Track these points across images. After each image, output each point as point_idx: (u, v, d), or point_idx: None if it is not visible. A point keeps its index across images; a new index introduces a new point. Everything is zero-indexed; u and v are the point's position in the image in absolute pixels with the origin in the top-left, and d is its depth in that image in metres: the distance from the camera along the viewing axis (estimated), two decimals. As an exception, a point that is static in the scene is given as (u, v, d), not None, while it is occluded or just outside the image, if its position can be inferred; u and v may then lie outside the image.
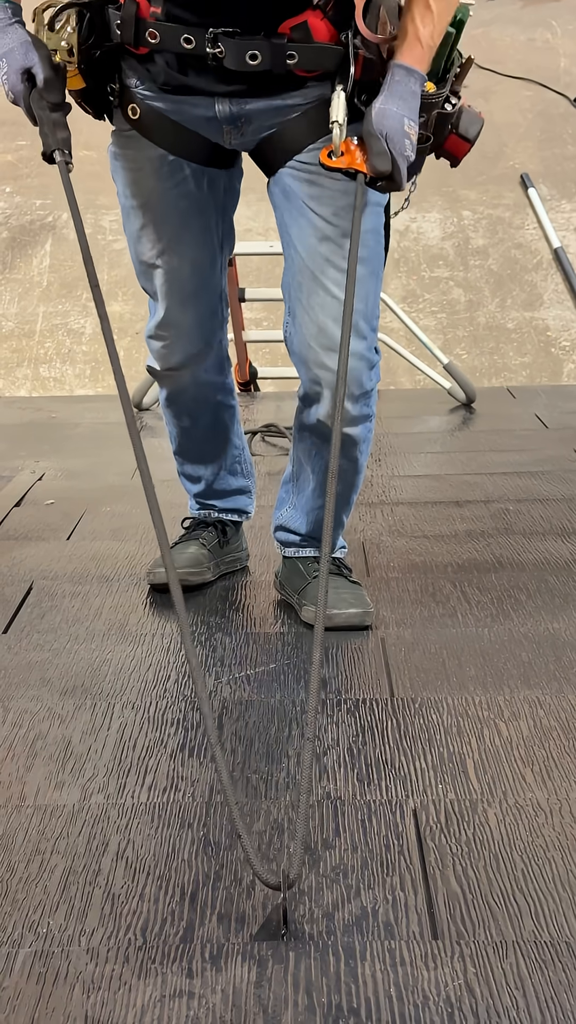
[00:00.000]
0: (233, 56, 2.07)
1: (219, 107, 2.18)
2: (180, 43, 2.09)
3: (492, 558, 2.91)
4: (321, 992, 1.38)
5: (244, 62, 2.07)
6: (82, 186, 2.42)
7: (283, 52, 2.07)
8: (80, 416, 4.91)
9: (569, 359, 6.15)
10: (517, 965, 1.42)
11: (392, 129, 2.04)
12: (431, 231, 6.84)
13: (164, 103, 2.22)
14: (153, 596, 2.70)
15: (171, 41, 2.10)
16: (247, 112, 2.18)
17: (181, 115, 2.22)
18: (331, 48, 2.09)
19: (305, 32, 2.07)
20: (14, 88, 2.11)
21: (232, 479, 2.75)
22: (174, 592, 1.83)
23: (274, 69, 2.09)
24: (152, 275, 2.41)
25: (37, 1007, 1.38)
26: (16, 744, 2.02)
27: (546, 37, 8.42)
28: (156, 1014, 1.36)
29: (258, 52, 2.07)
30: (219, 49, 2.07)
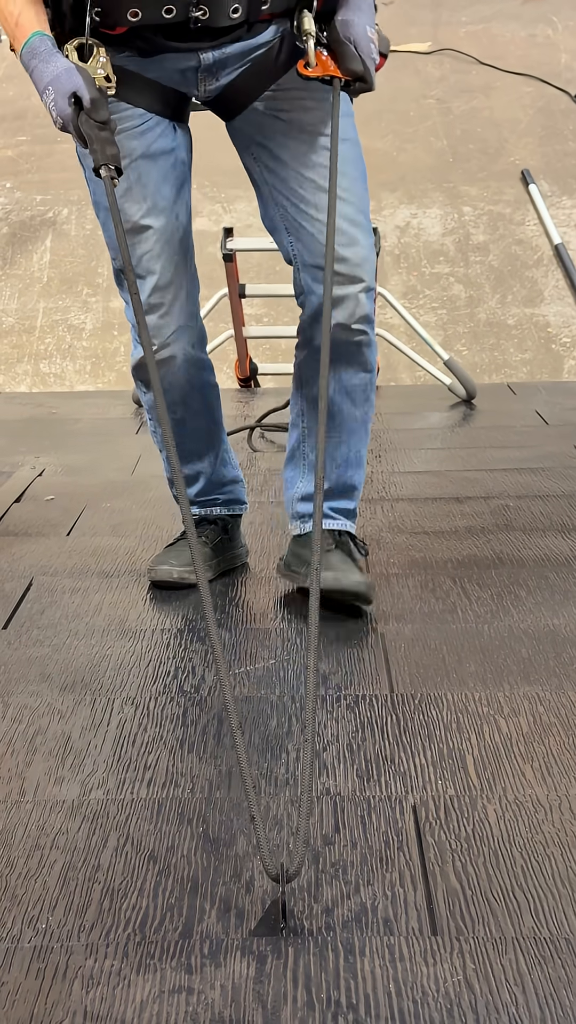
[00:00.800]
0: (216, 14, 2.22)
1: (203, 56, 2.29)
2: (162, 15, 2.21)
3: (492, 554, 2.91)
4: (320, 988, 1.38)
5: (228, 17, 2.23)
6: (82, 181, 2.43)
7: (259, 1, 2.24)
8: (80, 412, 4.91)
9: (569, 355, 6.15)
10: (516, 961, 1.42)
11: (358, 35, 2.25)
12: (432, 227, 6.84)
13: (140, 64, 2.29)
14: (153, 592, 2.70)
15: (152, 15, 2.20)
16: (226, 56, 2.30)
17: (159, 71, 2.31)
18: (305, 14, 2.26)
19: None
20: (62, 113, 2.15)
21: (225, 470, 2.74)
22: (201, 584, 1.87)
23: (251, 18, 2.25)
24: (141, 239, 2.38)
25: (36, 1002, 1.38)
26: (16, 740, 2.02)
27: (547, 33, 8.41)
28: (155, 1009, 1.36)
29: (239, 6, 2.23)
30: (202, 11, 2.20)
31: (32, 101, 7.71)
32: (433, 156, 7.27)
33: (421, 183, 7.08)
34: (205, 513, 2.76)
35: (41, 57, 2.17)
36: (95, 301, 6.42)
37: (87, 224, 6.78)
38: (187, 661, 2.35)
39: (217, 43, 2.28)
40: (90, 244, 6.70)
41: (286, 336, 5.36)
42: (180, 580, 2.67)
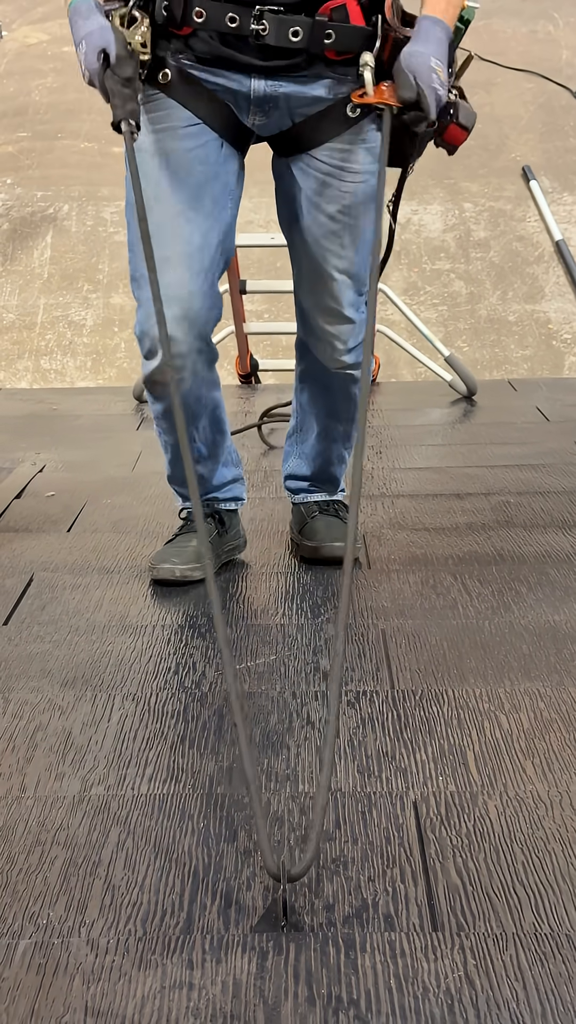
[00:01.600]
0: (275, 33, 2.24)
1: (254, 84, 2.32)
2: (225, 22, 2.26)
3: (493, 551, 2.91)
4: (321, 983, 1.38)
5: (286, 38, 2.25)
6: (84, 178, 2.44)
7: (322, 31, 2.26)
8: (81, 408, 4.91)
9: (570, 352, 6.15)
10: (517, 957, 1.42)
11: (419, 65, 2.25)
12: (432, 223, 6.83)
13: (199, 71, 2.34)
14: (154, 588, 2.70)
15: (216, 20, 2.26)
16: (278, 95, 2.33)
17: (214, 84, 2.34)
18: (363, 29, 2.29)
19: (343, 14, 2.27)
20: (90, 66, 2.23)
21: (226, 470, 2.77)
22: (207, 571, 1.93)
23: (311, 48, 2.27)
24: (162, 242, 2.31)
25: (37, 998, 1.38)
26: (16, 735, 2.02)
27: (548, 29, 8.41)
28: (156, 1005, 1.36)
29: (300, 29, 2.25)
30: (263, 26, 2.24)
31: (33, 97, 7.71)
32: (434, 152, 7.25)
33: (422, 179, 7.07)
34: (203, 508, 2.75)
35: (82, 14, 2.25)
36: (96, 297, 6.41)
37: (88, 220, 6.77)
38: (188, 657, 2.35)
39: (271, 68, 2.29)
40: (91, 240, 6.70)
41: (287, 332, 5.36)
42: (182, 578, 2.68)
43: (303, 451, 2.85)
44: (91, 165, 7.04)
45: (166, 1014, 1.35)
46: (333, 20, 2.26)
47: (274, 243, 5.09)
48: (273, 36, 2.25)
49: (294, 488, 2.91)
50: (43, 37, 8.24)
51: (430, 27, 2.28)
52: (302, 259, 2.53)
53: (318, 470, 2.85)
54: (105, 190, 6.84)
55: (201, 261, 2.38)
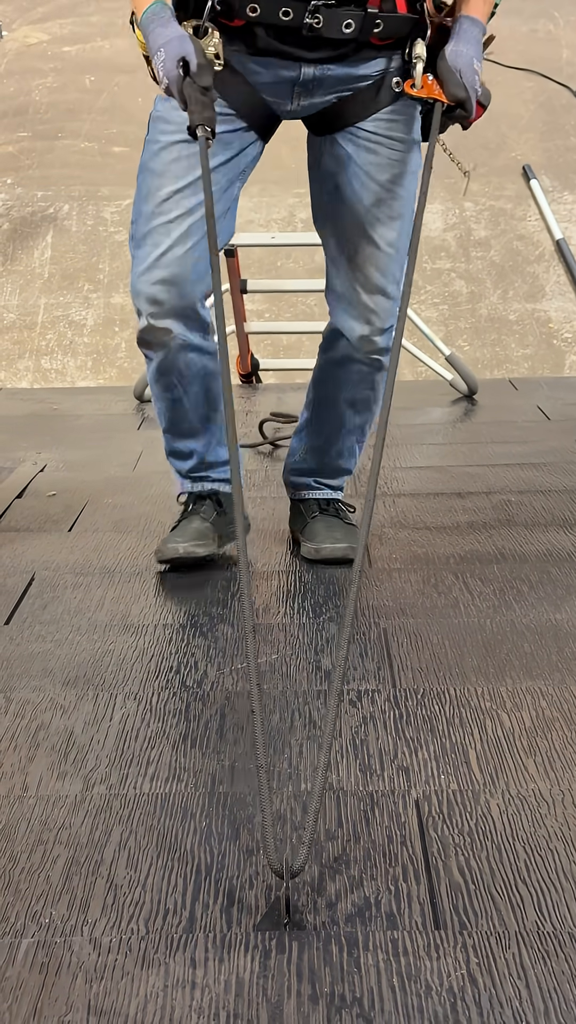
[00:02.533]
0: (330, 25, 2.34)
1: (304, 70, 2.41)
2: (279, 16, 2.33)
3: (494, 549, 2.91)
4: (324, 982, 1.38)
5: (339, 30, 2.35)
6: (84, 177, 2.45)
7: (372, 21, 2.35)
8: (82, 408, 4.91)
9: (571, 351, 6.15)
10: (519, 955, 1.42)
11: (464, 65, 2.37)
12: (433, 222, 6.83)
13: (246, 66, 2.42)
14: (156, 587, 2.70)
15: (270, 14, 2.33)
16: (327, 76, 2.42)
17: (260, 76, 2.43)
18: (408, 17, 2.40)
19: (392, 4, 2.37)
20: (169, 74, 2.26)
21: (221, 450, 2.77)
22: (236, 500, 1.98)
23: (360, 37, 2.37)
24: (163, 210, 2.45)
25: (40, 997, 1.38)
26: (18, 735, 2.02)
27: (548, 28, 8.41)
28: (159, 1004, 1.36)
29: (352, 21, 2.34)
30: (317, 19, 2.32)
31: (33, 97, 7.71)
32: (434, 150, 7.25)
33: (422, 178, 7.07)
34: (198, 489, 2.80)
35: (159, 22, 2.28)
36: (96, 297, 6.41)
37: (88, 220, 6.77)
38: (190, 656, 2.35)
39: (322, 58, 2.39)
40: (91, 240, 6.70)
41: (287, 332, 5.38)
42: (186, 555, 2.71)
43: (313, 444, 2.85)
44: (91, 165, 7.04)
45: (169, 1013, 1.35)
46: (383, 11, 2.36)
47: (274, 243, 5.11)
48: (327, 28, 2.34)
49: (297, 483, 2.91)
50: (43, 37, 8.24)
51: (470, 27, 2.40)
52: (348, 231, 2.55)
53: (329, 461, 2.86)
54: (105, 190, 6.84)
55: (197, 232, 2.45)
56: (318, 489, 2.89)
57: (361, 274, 2.59)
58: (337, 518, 2.86)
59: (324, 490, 2.89)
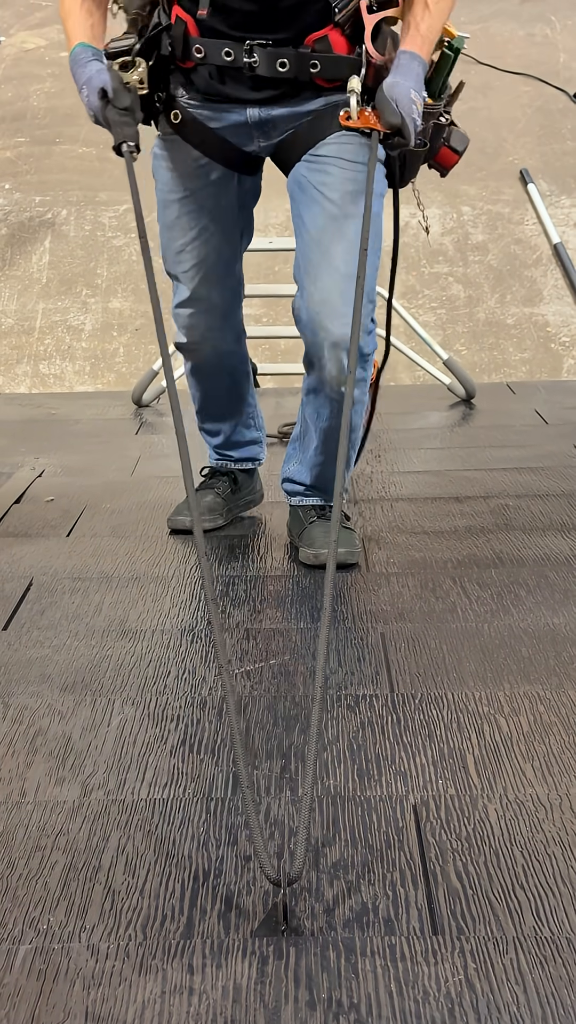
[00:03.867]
0: (265, 64, 2.48)
1: (250, 112, 2.58)
2: (221, 56, 2.50)
3: (492, 554, 2.91)
4: (321, 988, 1.38)
5: (275, 69, 2.49)
6: (82, 182, 2.49)
7: (307, 61, 2.49)
8: (80, 413, 4.91)
9: (569, 355, 6.15)
10: (517, 961, 1.42)
11: (400, 95, 2.43)
12: (431, 226, 6.84)
13: (203, 111, 2.62)
14: (153, 592, 2.70)
15: (214, 55, 2.51)
16: (273, 117, 2.58)
17: (218, 122, 2.61)
18: (347, 59, 2.50)
19: (326, 45, 2.49)
20: (92, 105, 2.49)
21: (246, 431, 3.11)
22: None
23: (299, 76, 2.50)
24: (181, 260, 2.76)
25: (38, 1003, 1.38)
26: (16, 740, 2.02)
27: (545, 32, 8.41)
28: (157, 1010, 1.36)
29: (287, 60, 2.48)
30: (254, 59, 2.47)
31: (31, 102, 7.71)
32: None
33: (419, 183, 7.08)
34: (220, 466, 3.14)
35: (80, 63, 2.51)
36: (94, 302, 6.41)
37: (86, 225, 6.78)
38: (187, 661, 2.35)
39: (265, 99, 2.55)
40: (89, 245, 6.70)
41: (285, 336, 5.37)
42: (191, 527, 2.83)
43: (304, 458, 2.90)
44: (89, 170, 7.04)
45: (167, 1019, 1.35)
46: (317, 51, 2.48)
47: (272, 247, 5.10)
48: (264, 67, 2.49)
49: (291, 491, 2.98)
50: (41, 42, 8.25)
51: (409, 61, 2.46)
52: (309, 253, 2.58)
53: (317, 479, 2.90)
54: (103, 195, 6.84)
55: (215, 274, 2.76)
56: (312, 497, 2.94)
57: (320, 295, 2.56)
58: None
59: (318, 498, 2.93)
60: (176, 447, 3.20)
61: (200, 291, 2.78)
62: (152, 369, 4.98)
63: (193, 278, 2.76)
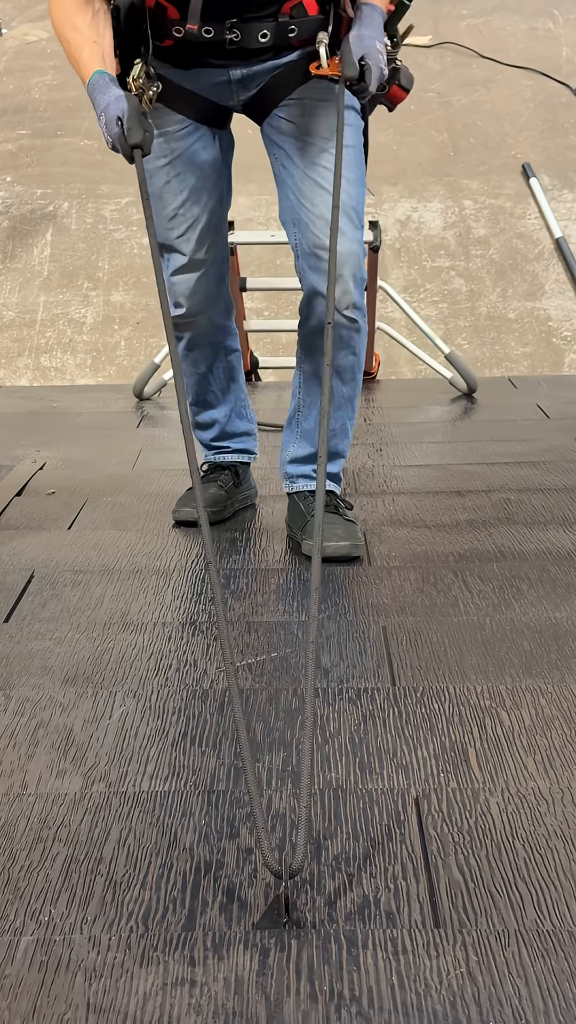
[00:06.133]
0: (247, 38, 2.60)
1: (232, 72, 2.68)
2: (201, 34, 2.59)
3: (494, 548, 2.90)
4: (323, 980, 1.38)
5: (256, 40, 2.61)
6: (84, 175, 2.48)
7: (286, 28, 2.62)
8: (81, 405, 4.91)
9: (570, 349, 6.15)
10: (519, 954, 1.42)
11: (368, 47, 2.56)
12: (432, 221, 6.83)
13: (181, 76, 2.68)
14: (155, 585, 2.70)
15: (193, 34, 2.59)
16: (254, 72, 2.68)
17: (194, 82, 2.69)
18: (318, 18, 2.64)
19: (301, 10, 2.61)
20: (111, 132, 2.52)
21: (240, 422, 3.14)
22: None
23: (278, 43, 2.63)
24: (174, 225, 2.80)
25: (39, 995, 1.38)
26: (18, 732, 2.02)
27: (548, 26, 8.40)
28: (158, 1002, 1.36)
29: (267, 31, 2.61)
30: (235, 34, 2.59)
31: (32, 95, 7.70)
32: (434, 150, 7.26)
33: (422, 177, 7.08)
34: (219, 460, 3.15)
35: (99, 89, 2.54)
36: (96, 295, 6.41)
37: (87, 218, 6.77)
38: (189, 654, 2.35)
39: (247, 62, 2.65)
40: (90, 238, 6.69)
41: (287, 330, 5.37)
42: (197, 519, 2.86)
43: (304, 430, 2.92)
44: (91, 163, 7.03)
45: (168, 1011, 1.35)
46: (294, 17, 2.61)
47: (274, 240, 5.10)
48: (245, 41, 2.60)
49: (294, 473, 2.97)
50: (43, 35, 8.24)
51: (371, 12, 2.61)
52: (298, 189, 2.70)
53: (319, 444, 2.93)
54: (105, 187, 6.84)
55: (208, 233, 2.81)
56: (314, 480, 2.92)
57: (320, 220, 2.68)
58: (337, 514, 2.86)
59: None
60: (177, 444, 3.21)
61: (197, 254, 2.82)
62: (153, 362, 4.98)
63: (189, 240, 2.81)
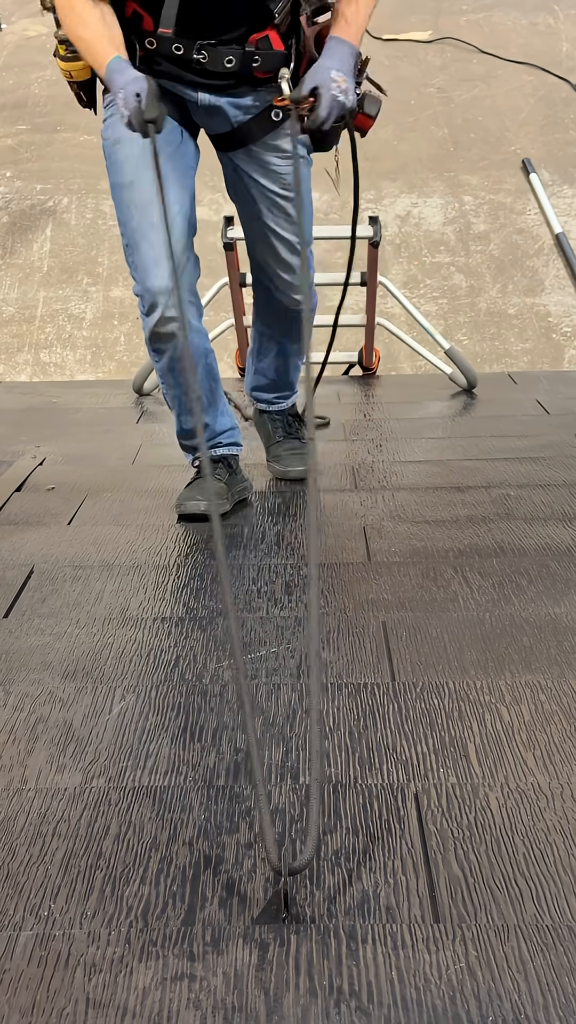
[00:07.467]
0: (213, 60, 2.77)
1: (200, 95, 2.84)
2: (172, 50, 2.76)
3: (493, 543, 2.90)
4: (323, 975, 1.38)
5: (222, 65, 2.78)
6: (83, 170, 2.48)
7: (250, 57, 2.78)
8: (81, 401, 4.91)
9: (570, 345, 6.14)
10: (519, 948, 1.42)
11: (321, 77, 2.70)
12: (432, 216, 6.83)
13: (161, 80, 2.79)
14: (154, 581, 2.70)
15: (165, 48, 2.77)
16: (219, 104, 2.86)
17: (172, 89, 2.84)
18: (281, 53, 2.81)
19: (267, 43, 2.78)
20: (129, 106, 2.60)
21: (224, 419, 3.20)
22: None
23: (242, 71, 2.80)
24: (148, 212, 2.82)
25: (39, 990, 1.38)
26: (17, 727, 2.02)
27: (548, 22, 8.40)
28: (157, 997, 1.36)
29: (233, 57, 2.77)
30: (203, 55, 2.76)
31: (32, 90, 7.70)
32: (434, 145, 7.26)
33: (422, 172, 7.07)
34: (212, 455, 3.19)
35: (119, 70, 2.65)
36: (95, 291, 6.41)
37: (87, 213, 6.77)
38: (188, 650, 2.35)
39: (213, 86, 2.81)
40: (90, 233, 6.69)
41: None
42: (206, 512, 2.96)
43: (262, 367, 3.39)
44: (90, 158, 7.02)
45: (167, 1006, 1.35)
46: (259, 49, 2.77)
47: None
48: (211, 63, 2.77)
49: (260, 399, 3.47)
50: (42, 30, 8.22)
51: (336, 46, 2.75)
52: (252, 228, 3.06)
53: (277, 378, 3.41)
54: (105, 183, 6.82)
55: (180, 223, 2.86)
56: (277, 402, 3.45)
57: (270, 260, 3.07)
58: (298, 440, 3.46)
59: (281, 402, 3.45)
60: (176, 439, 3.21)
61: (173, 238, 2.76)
62: (153, 358, 4.97)
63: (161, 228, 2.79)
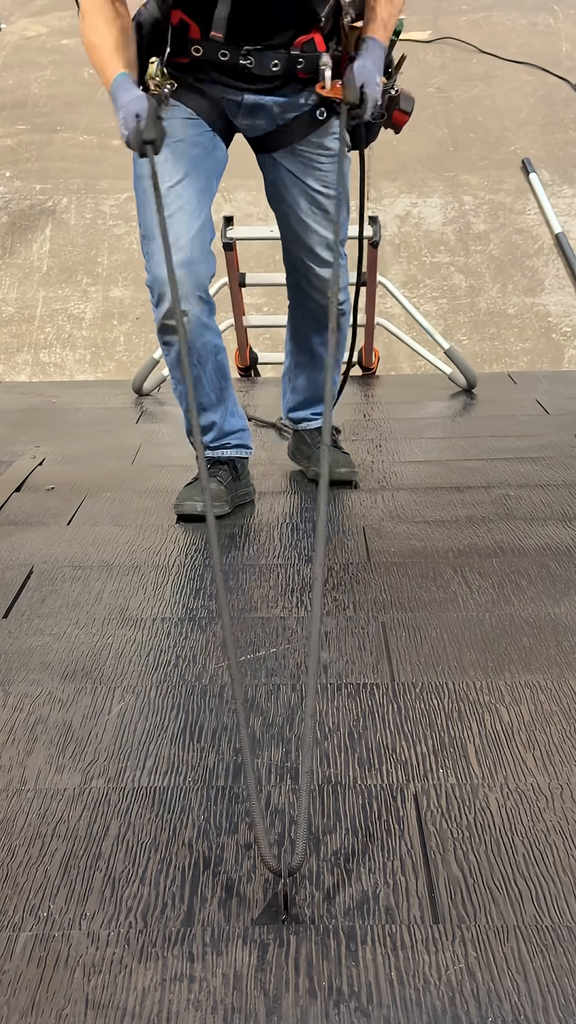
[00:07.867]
0: (259, 65, 2.84)
1: (246, 97, 2.89)
2: (218, 56, 2.83)
3: (493, 543, 2.90)
4: (322, 976, 1.38)
5: (268, 68, 2.85)
6: (83, 170, 2.48)
7: (295, 60, 2.86)
8: (80, 401, 4.91)
9: (570, 345, 6.14)
10: (518, 949, 1.42)
11: (366, 77, 2.82)
12: (432, 216, 6.83)
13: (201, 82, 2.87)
14: (154, 581, 2.70)
15: (211, 54, 2.83)
16: (263, 103, 2.91)
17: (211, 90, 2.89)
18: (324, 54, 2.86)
19: (312, 46, 2.86)
20: (128, 126, 2.66)
21: (234, 420, 3.19)
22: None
23: (287, 72, 2.87)
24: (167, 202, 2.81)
25: (38, 991, 1.38)
26: (17, 728, 2.02)
27: (548, 21, 8.40)
28: (157, 997, 1.36)
29: (279, 61, 2.85)
30: (249, 60, 2.83)
31: (32, 90, 7.69)
32: (434, 145, 7.26)
33: (421, 172, 7.07)
34: (217, 456, 3.18)
35: (122, 88, 2.70)
36: (95, 291, 6.41)
37: (87, 213, 6.77)
38: (188, 650, 2.35)
39: (258, 89, 2.87)
40: (89, 233, 6.69)
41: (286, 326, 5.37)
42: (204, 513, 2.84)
43: (297, 386, 3.38)
44: (90, 158, 7.03)
45: (167, 1006, 1.35)
46: (304, 52, 2.85)
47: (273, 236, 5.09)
48: (258, 67, 2.84)
49: (297, 418, 3.44)
50: (42, 30, 8.23)
51: (373, 46, 2.86)
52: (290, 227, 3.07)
53: (312, 394, 3.38)
54: (104, 183, 6.83)
55: (199, 219, 2.89)
56: (315, 420, 3.40)
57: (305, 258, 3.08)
58: (337, 447, 3.42)
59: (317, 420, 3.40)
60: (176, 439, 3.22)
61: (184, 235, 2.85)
62: (152, 358, 4.97)
63: (179, 220, 2.85)
